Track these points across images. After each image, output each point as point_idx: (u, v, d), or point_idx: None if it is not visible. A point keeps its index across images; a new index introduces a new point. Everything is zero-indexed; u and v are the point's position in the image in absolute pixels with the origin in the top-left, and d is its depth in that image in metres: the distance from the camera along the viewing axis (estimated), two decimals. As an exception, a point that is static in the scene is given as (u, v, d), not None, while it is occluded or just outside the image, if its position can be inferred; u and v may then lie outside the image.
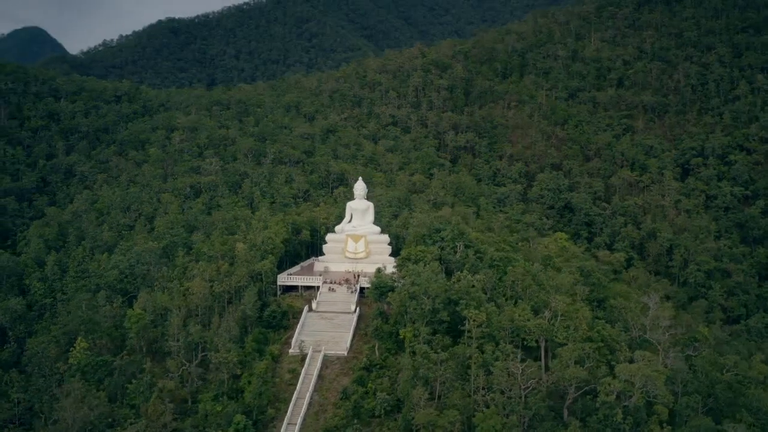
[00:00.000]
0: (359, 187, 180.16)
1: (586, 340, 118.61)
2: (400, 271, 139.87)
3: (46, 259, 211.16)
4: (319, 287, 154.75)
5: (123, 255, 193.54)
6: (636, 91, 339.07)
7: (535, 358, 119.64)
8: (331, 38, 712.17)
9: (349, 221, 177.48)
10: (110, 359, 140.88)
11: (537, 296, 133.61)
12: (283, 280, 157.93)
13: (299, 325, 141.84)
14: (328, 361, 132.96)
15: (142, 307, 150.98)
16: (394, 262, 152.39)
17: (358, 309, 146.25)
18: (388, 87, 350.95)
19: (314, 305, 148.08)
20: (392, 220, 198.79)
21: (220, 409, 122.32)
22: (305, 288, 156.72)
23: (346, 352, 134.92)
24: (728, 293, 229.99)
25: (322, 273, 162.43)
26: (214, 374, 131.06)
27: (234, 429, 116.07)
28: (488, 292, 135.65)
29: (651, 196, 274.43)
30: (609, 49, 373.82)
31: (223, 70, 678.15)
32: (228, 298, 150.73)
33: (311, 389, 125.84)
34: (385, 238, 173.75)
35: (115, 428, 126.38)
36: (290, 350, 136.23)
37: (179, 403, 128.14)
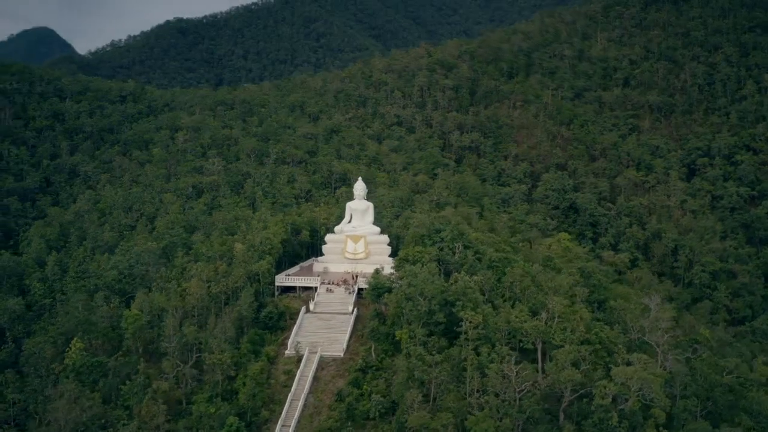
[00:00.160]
0: (359, 187, 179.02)
1: (583, 343, 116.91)
2: (398, 272, 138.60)
3: (47, 260, 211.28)
4: (316, 288, 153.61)
5: (123, 255, 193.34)
6: (642, 91, 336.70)
7: (532, 360, 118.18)
8: (339, 38, 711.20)
9: (349, 222, 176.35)
10: (105, 360, 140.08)
11: (535, 298, 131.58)
12: (280, 281, 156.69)
13: (296, 326, 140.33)
14: (324, 363, 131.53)
15: (139, 307, 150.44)
16: (392, 263, 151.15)
17: (356, 310, 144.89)
18: (393, 87, 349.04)
19: (311, 306, 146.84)
20: (393, 220, 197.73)
21: (213, 410, 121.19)
22: (303, 289, 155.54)
23: (342, 354, 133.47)
24: (733, 294, 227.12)
25: (321, 273, 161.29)
26: (209, 375, 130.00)
27: (227, 431, 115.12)
28: (486, 293, 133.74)
29: (656, 197, 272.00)
30: (615, 48, 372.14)
31: (230, 70, 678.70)
32: (225, 299, 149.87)
33: (306, 391, 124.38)
34: (385, 238, 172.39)
35: (108, 429, 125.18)
36: (286, 351, 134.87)
37: (173, 404, 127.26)
